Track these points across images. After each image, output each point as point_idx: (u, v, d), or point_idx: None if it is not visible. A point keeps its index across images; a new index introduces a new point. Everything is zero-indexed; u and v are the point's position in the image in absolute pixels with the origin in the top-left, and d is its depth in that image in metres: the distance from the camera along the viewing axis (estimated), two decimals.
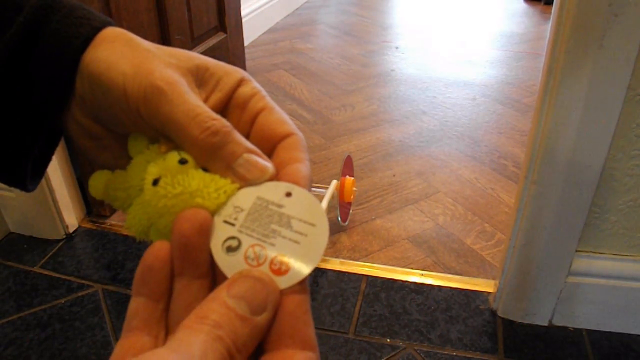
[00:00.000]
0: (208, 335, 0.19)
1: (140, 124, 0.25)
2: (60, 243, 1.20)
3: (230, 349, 0.19)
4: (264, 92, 0.27)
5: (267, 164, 0.24)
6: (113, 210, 1.29)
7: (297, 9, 3.00)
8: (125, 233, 1.22)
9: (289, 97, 1.90)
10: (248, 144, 0.24)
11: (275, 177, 0.24)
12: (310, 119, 1.75)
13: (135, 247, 1.18)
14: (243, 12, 2.00)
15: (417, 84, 2.01)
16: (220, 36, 1.74)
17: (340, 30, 2.66)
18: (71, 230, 1.22)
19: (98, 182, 0.27)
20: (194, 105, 0.24)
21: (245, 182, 0.24)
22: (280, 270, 0.22)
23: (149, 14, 1.32)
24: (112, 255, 1.16)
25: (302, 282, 0.22)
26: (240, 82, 0.27)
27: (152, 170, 0.24)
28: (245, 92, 0.27)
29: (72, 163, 1.21)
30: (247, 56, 2.05)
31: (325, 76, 2.08)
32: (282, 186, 0.23)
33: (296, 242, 0.22)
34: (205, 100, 0.26)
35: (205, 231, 0.22)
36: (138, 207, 0.24)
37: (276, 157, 0.26)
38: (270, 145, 0.26)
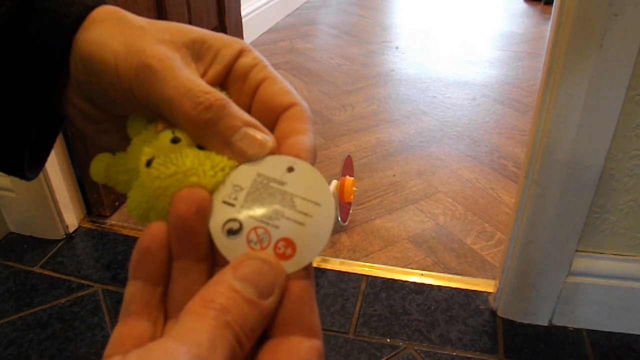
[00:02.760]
0: (215, 321, 0.18)
1: (136, 104, 0.24)
2: (60, 243, 1.20)
3: (239, 335, 0.18)
4: (265, 62, 0.26)
5: (267, 137, 0.23)
6: (113, 210, 1.29)
7: (297, 9, 3.00)
8: (125, 233, 1.22)
9: None
10: (245, 116, 0.23)
11: (276, 150, 0.23)
12: None
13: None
14: (243, 12, 2.00)
15: (417, 84, 2.01)
16: None
17: (340, 30, 2.66)
18: (71, 230, 1.22)
19: (99, 166, 0.26)
20: (185, 80, 0.22)
21: (244, 157, 0.22)
22: (285, 254, 0.21)
23: (149, 14, 1.32)
24: (112, 255, 1.16)
25: (307, 267, 0.21)
26: (240, 53, 0.25)
27: (146, 151, 0.23)
28: (245, 63, 0.25)
29: (72, 163, 1.21)
30: None
31: (325, 76, 2.08)
32: (283, 160, 0.22)
33: (301, 223, 0.21)
34: (204, 74, 0.25)
35: (203, 212, 0.21)
36: (137, 190, 0.23)
37: (278, 129, 0.24)
38: (273, 117, 0.24)
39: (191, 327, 0.18)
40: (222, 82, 0.25)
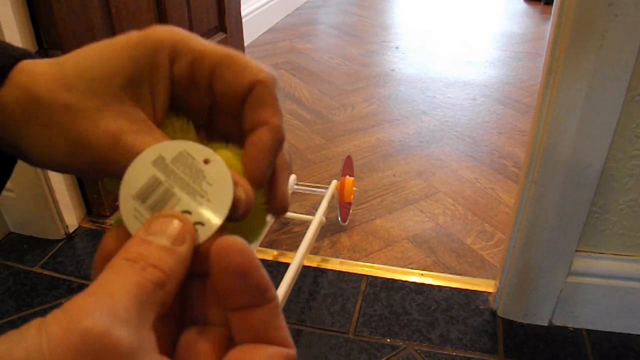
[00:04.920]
0: (130, 269, 0.18)
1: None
2: (60, 243, 1.20)
3: (159, 278, 0.18)
4: (198, 40, 0.24)
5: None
6: (113, 210, 1.29)
7: (297, 9, 3.00)
8: None
9: (289, 97, 1.90)
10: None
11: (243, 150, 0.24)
12: (310, 119, 1.75)
13: None
14: (243, 12, 2.00)
15: (417, 84, 2.01)
16: (220, 36, 1.74)
17: (340, 30, 2.66)
18: (71, 230, 1.22)
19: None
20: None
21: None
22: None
23: (149, 13, 1.32)
24: None
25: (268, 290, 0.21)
26: (173, 61, 0.24)
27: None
28: (181, 68, 0.24)
29: None
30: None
31: (325, 76, 2.08)
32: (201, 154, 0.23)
33: (204, 197, 0.22)
34: (153, 109, 0.24)
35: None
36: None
37: (244, 119, 0.24)
38: (238, 103, 0.24)
39: (104, 279, 0.18)
40: (175, 99, 0.25)
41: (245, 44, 2.10)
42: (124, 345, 0.16)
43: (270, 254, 1.15)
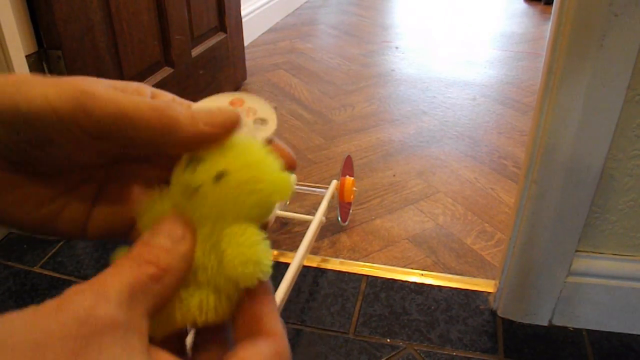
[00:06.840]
0: (128, 265, 0.19)
1: (83, 142, 0.21)
2: (60, 243, 1.20)
3: (154, 272, 0.19)
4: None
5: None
6: None
7: (297, 9, 3.00)
8: None
9: (289, 97, 1.90)
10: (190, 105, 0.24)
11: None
12: (310, 119, 1.75)
13: None
14: (243, 12, 2.00)
15: (417, 84, 2.01)
16: (220, 36, 1.74)
17: (340, 30, 2.66)
18: None
19: None
20: (133, 98, 0.20)
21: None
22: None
23: (149, 14, 1.32)
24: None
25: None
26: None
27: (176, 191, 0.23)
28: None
29: None
30: (247, 56, 2.05)
31: (325, 76, 2.08)
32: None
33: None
34: None
35: None
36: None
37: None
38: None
39: (104, 273, 0.19)
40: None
41: (245, 44, 2.10)
42: (108, 318, 0.17)
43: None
